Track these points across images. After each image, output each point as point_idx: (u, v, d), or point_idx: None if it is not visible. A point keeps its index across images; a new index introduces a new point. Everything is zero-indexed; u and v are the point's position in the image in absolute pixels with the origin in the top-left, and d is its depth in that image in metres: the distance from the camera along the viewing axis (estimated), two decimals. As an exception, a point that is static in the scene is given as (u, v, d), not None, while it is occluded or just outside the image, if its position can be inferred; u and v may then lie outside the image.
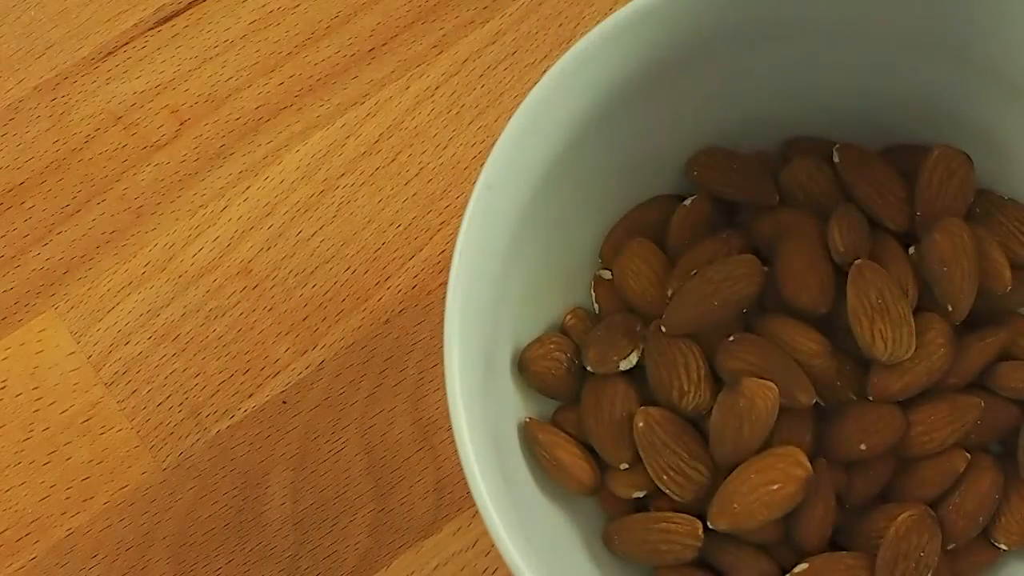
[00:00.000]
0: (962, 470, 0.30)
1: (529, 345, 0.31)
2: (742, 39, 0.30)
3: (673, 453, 0.29)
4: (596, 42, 0.28)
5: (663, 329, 0.30)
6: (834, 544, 0.30)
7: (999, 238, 0.31)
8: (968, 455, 0.30)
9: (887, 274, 0.30)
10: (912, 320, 0.29)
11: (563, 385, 0.31)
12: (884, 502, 0.30)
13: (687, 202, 0.32)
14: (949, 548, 0.30)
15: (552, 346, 0.31)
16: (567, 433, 0.31)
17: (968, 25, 0.30)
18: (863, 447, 0.29)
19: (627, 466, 0.30)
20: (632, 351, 0.30)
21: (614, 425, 0.30)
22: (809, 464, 0.29)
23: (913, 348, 0.29)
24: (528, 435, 0.30)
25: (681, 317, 0.30)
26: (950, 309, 0.30)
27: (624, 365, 0.30)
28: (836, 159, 0.32)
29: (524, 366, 0.31)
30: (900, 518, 0.29)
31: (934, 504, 0.30)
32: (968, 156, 0.31)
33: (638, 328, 0.31)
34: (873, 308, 0.29)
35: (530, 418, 0.30)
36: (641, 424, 0.29)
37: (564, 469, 0.30)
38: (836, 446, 0.30)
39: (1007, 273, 0.31)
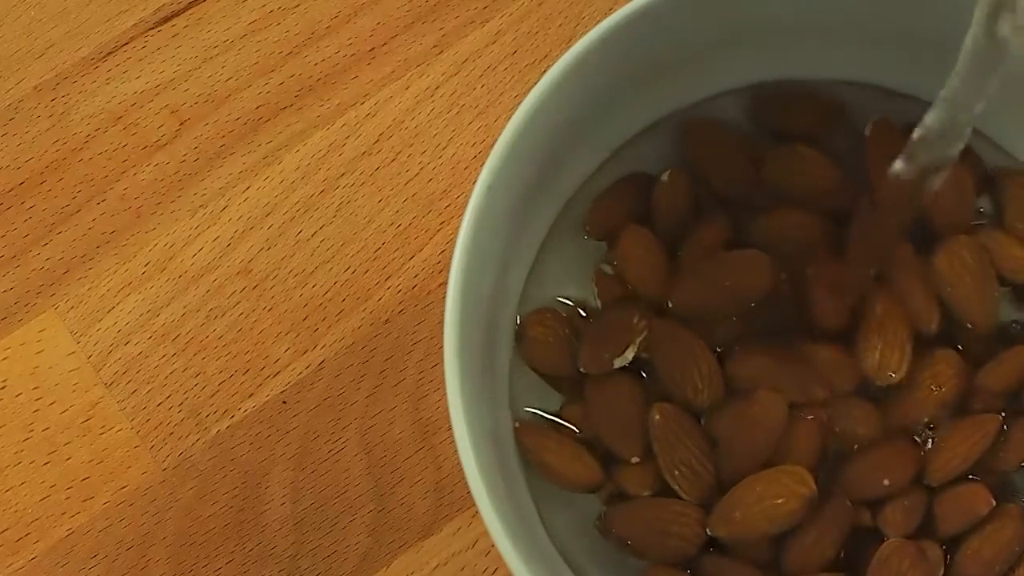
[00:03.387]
0: (984, 514, 0.29)
1: (528, 313, 0.31)
2: (742, 38, 0.30)
3: (686, 448, 0.29)
4: (596, 42, 0.28)
5: (670, 305, 0.30)
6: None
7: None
8: (994, 501, 0.29)
9: (900, 307, 0.30)
10: (909, 348, 0.30)
11: (558, 357, 0.31)
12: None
13: (664, 177, 0.32)
14: None
15: (549, 315, 0.31)
16: (571, 428, 0.31)
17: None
18: (887, 482, 0.29)
19: (637, 460, 0.30)
20: (627, 347, 0.30)
21: (624, 419, 0.30)
22: (814, 484, 0.29)
23: (904, 371, 0.30)
24: (518, 442, 0.30)
25: (691, 297, 0.30)
26: (970, 326, 0.30)
27: (619, 363, 0.30)
28: (868, 132, 0.31)
29: (521, 333, 0.31)
30: (883, 545, 0.29)
31: (952, 545, 0.30)
32: (972, 163, 0.31)
33: (635, 320, 0.31)
34: (877, 324, 0.30)
35: (518, 424, 0.30)
36: (658, 417, 0.29)
37: (555, 472, 0.30)
38: (860, 485, 0.30)
39: None
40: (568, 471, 0.30)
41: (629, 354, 0.30)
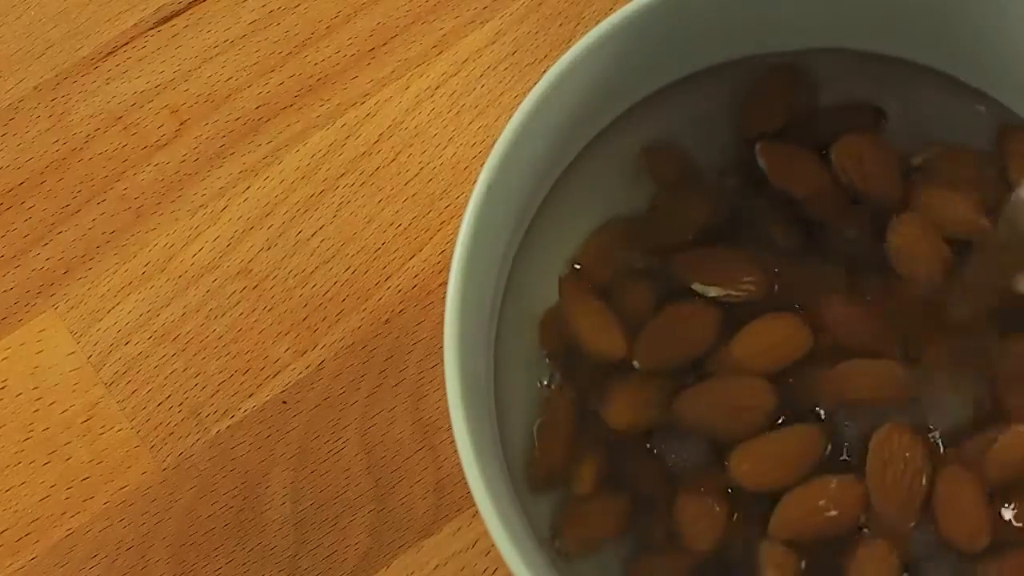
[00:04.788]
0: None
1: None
2: (745, 37, 0.30)
3: None
4: (596, 42, 0.28)
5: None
6: None
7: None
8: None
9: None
10: None
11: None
12: None
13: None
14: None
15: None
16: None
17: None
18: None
19: (638, 366, 0.30)
20: (716, 286, 0.30)
21: (674, 342, 0.30)
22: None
23: None
24: (560, 290, 0.30)
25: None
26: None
27: (699, 288, 0.30)
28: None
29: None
30: (874, 435, 0.29)
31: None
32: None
33: (749, 278, 0.30)
34: None
35: (562, 275, 0.30)
36: None
37: (582, 338, 0.30)
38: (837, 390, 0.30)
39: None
40: (595, 340, 0.30)
41: (712, 292, 0.30)
